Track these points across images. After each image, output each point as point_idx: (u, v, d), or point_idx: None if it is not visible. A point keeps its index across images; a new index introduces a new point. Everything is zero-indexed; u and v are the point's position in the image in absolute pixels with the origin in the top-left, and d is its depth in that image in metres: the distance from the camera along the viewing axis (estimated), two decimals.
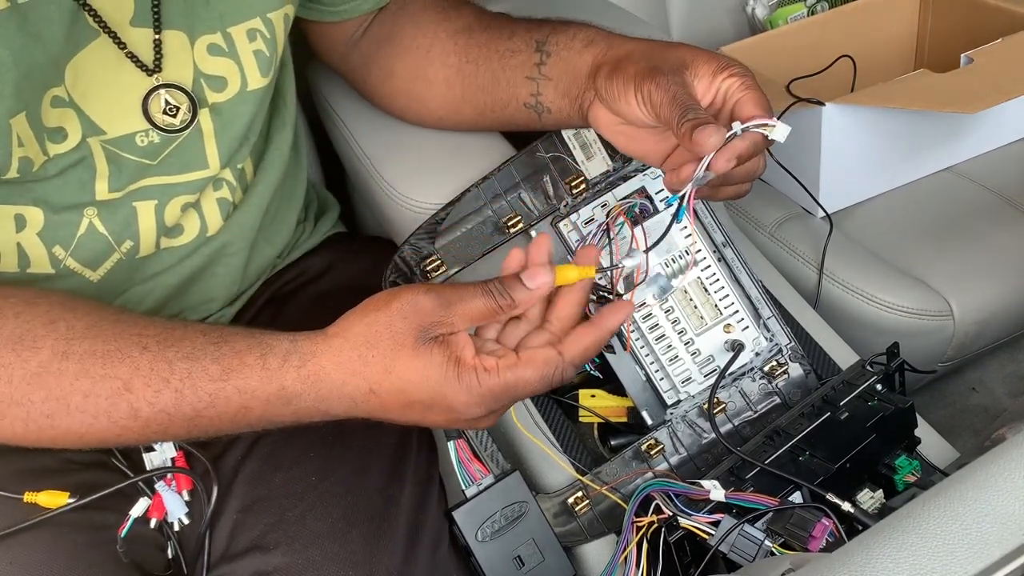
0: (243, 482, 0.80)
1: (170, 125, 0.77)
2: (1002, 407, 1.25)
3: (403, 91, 0.93)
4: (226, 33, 0.80)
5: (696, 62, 0.74)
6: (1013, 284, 1.14)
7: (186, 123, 0.78)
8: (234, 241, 0.87)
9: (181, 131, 0.78)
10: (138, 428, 0.65)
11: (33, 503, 0.74)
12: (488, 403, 0.65)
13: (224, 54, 0.80)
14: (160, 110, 0.76)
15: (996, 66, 1.18)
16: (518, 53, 0.85)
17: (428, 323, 0.64)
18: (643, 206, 0.87)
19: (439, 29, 0.90)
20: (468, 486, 0.78)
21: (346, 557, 0.75)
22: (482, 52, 0.88)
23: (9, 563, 0.72)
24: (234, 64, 0.81)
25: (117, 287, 0.81)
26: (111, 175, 0.76)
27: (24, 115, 0.69)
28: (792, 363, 0.87)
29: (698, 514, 0.70)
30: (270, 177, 0.89)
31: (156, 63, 0.76)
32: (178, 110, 0.77)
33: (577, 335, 0.68)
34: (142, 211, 0.79)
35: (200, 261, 0.85)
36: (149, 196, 0.79)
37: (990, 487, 0.46)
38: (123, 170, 0.76)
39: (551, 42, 0.84)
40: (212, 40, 0.79)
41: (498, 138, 0.94)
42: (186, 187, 0.81)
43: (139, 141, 0.76)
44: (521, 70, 0.85)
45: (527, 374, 0.65)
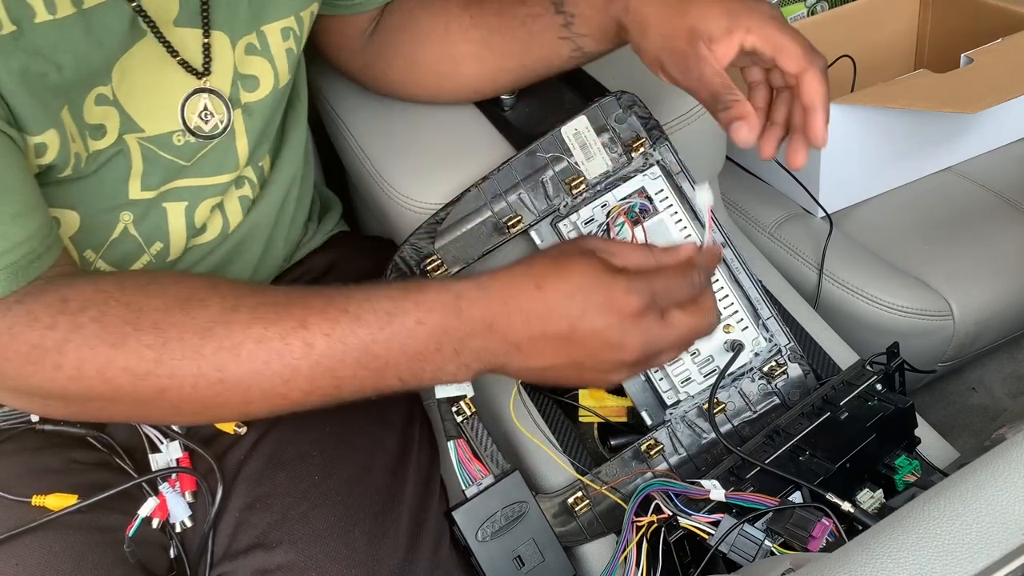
0: (246, 480, 0.80)
1: (199, 129, 0.77)
2: (1002, 407, 1.25)
3: (433, 74, 0.93)
4: (260, 32, 0.80)
5: (707, 29, 0.74)
6: (1013, 284, 1.14)
7: (217, 131, 0.78)
8: (251, 238, 0.88)
9: (211, 138, 0.78)
10: (307, 368, 0.64)
11: (42, 506, 0.75)
12: (642, 307, 0.65)
13: (258, 53, 0.80)
14: (196, 113, 0.77)
15: (996, 66, 1.18)
16: (539, 17, 0.86)
17: (590, 245, 0.69)
18: (643, 206, 0.87)
19: (448, 6, 0.91)
20: (468, 486, 0.78)
21: (348, 555, 0.75)
22: (503, 21, 0.88)
23: (15, 564, 0.72)
24: (268, 63, 0.81)
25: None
26: (144, 173, 0.76)
27: (67, 109, 0.69)
28: (791, 363, 0.87)
29: (698, 514, 0.70)
30: (285, 174, 0.89)
31: (205, 66, 0.76)
32: (212, 116, 0.78)
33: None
34: (172, 213, 0.80)
35: (218, 259, 0.86)
36: (180, 198, 0.79)
37: (990, 487, 0.46)
38: (157, 169, 0.77)
39: (568, 3, 0.84)
40: (249, 40, 0.79)
41: (498, 138, 0.94)
42: (216, 188, 0.81)
43: (176, 140, 0.77)
44: (550, 32, 0.86)
45: (673, 281, 0.67)
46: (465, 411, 0.79)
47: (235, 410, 0.67)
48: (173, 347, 0.63)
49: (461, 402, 0.79)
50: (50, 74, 0.66)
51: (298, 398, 0.66)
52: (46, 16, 0.65)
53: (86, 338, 0.63)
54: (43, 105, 0.66)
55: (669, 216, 0.87)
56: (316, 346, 0.64)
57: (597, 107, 0.88)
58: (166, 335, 0.63)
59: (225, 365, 0.64)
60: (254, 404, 0.66)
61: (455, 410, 0.79)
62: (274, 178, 0.88)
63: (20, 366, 0.63)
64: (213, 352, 0.63)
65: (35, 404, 0.69)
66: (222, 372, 0.64)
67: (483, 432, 0.79)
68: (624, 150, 0.88)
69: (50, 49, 0.65)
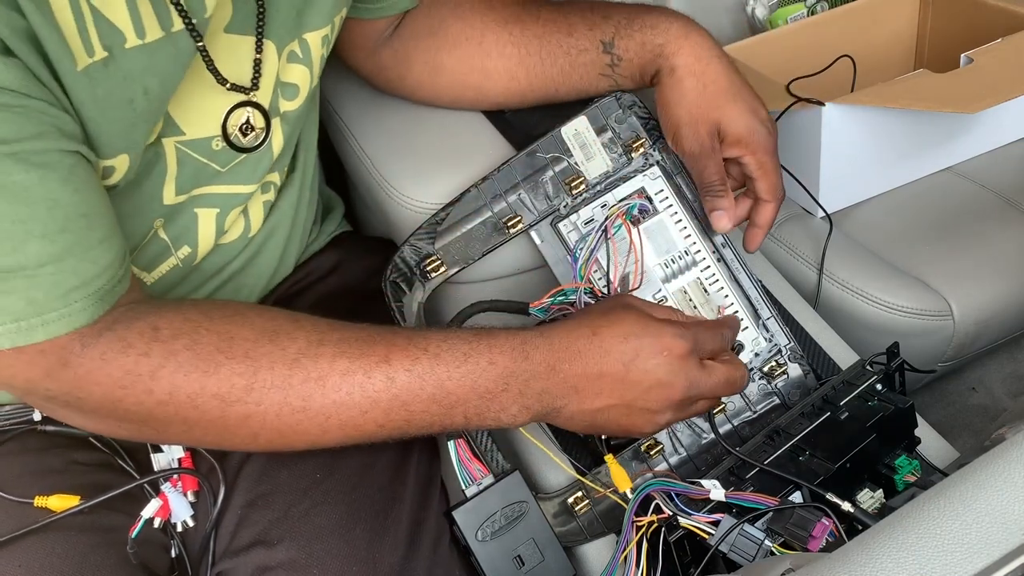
0: (248, 478, 0.80)
1: (237, 141, 0.78)
2: (1002, 407, 1.25)
3: (458, 84, 0.94)
4: (303, 40, 0.80)
5: (727, 131, 0.84)
6: (1013, 284, 1.14)
7: (255, 144, 0.79)
8: (271, 240, 0.88)
9: (249, 151, 0.79)
10: (386, 401, 0.67)
11: (44, 507, 0.75)
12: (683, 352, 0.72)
13: (299, 61, 0.81)
14: (237, 126, 0.77)
15: (996, 66, 1.18)
16: (585, 52, 0.88)
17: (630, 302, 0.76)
18: (642, 206, 0.87)
19: (486, 19, 0.91)
20: (468, 486, 0.78)
21: (349, 553, 0.75)
22: (544, 46, 0.89)
23: (18, 566, 0.72)
24: (307, 71, 0.82)
25: (163, 291, 0.82)
26: (178, 176, 0.76)
27: (158, 130, 0.71)
28: (791, 363, 0.87)
29: (698, 514, 0.70)
30: (301, 175, 0.90)
31: (254, 82, 0.77)
32: (252, 130, 0.78)
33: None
34: (203, 219, 0.80)
35: (240, 264, 0.86)
36: (212, 204, 0.80)
37: (990, 487, 0.46)
38: (189, 171, 0.77)
39: (619, 47, 0.87)
40: (292, 48, 0.80)
41: (499, 138, 0.94)
42: (246, 196, 0.82)
43: (214, 146, 0.77)
44: (594, 68, 0.88)
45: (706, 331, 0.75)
46: None
47: (310, 439, 0.69)
48: (263, 376, 0.66)
49: None
50: (136, 99, 0.67)
51: (371, 430, 0.69)
52: (136, 41, 0.65)
53: (180, 365, 0.65)
54: (124, 131, 0.67)
55: (669, 216, 0.87)
56: (397, 380, 0.67)
57: (597, 107, 0.89)
58: (257, 364, 0.66)
59: (311, 395, 0.66)
60: (329, 434, 0.68)
61: None
62: (292, 180, 0.89)
63: (110, 391, 0.64)
64: (300, 382, 0.66)
65: (107, 426, 0.69)
66: (306, 402, 0.66)
67: (483, 432, 0.79)
68: (624, 150, 0.88)
69: (139, 73, 0.66)
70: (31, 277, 0.60)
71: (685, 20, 0.86)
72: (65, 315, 0.62)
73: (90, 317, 0.63)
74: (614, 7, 0.89)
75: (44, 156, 0.60)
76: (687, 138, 0.84)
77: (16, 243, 0.59)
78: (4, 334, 0.61)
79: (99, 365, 0.64)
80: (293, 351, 0.67)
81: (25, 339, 0.61)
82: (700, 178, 0.85)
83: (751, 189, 0.87)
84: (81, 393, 0.65)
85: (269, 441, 0.68)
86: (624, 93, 0.89)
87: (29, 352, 0.62)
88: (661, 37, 0.85)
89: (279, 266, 0.91)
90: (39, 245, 0.60)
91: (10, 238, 0.59)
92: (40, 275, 0.61)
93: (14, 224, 0.59)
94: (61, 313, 0.62)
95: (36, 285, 0.61)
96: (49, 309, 0.61)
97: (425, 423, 0.70)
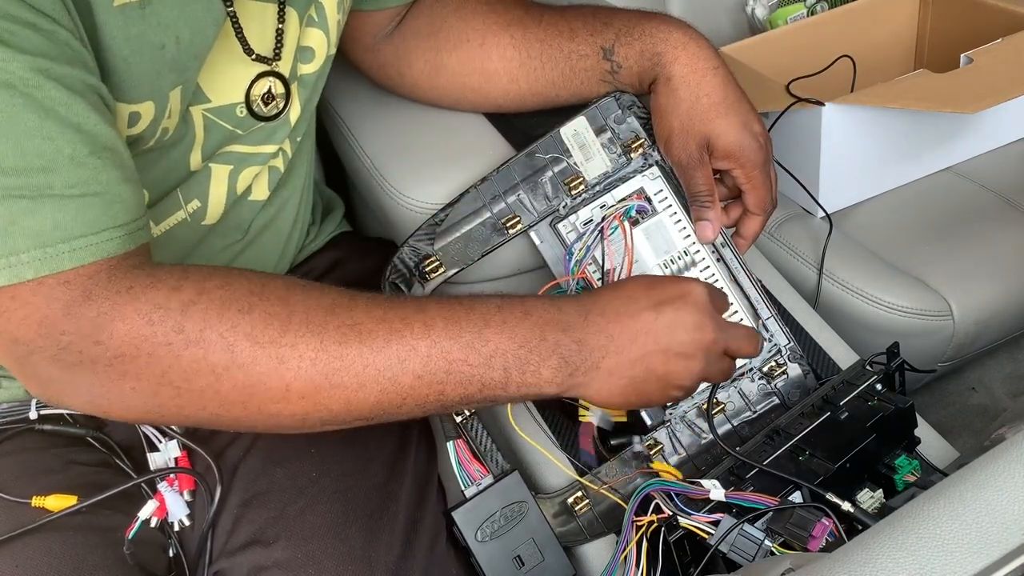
0: (244, 477, 0.80)
1: (259, 110, 0.78)
2: (1002, 407, 1.25)
3: (458, 85, 0.94)
4: (319, 3, 0.81)
5: (717, 144, 0.84)
6: (1013, 284, 1.14)
7: (275, 113, 0.80)
8: (277, 220, 0.88)
9: (270, 119, 0.79)
10: (424, 349, 0.65)
11: (41, 507, 0.74)
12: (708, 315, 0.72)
13: (316, 25, 0.81)
14: (260, 95, 0.78)
15: (996, 66, 1.18)
16: (586, 57, 0.88)
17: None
18: (641, 207, 0.86)
19: (488, 21, 0.91)
20: (467, 486, 0.78)
21: (345, 552, 0.75)
22: (545, 49, 0.89)
23: (15, 566, 0.72)
24: (323, 35, 0.82)
25: (170, 256, 0.80)
26: (205, 143, 0.77)
27: (180, 89, 0.70)
28: (791, 363, 0.87)
29: (698, 514, 0.70)
30: (306, 155, 0.90)
31: (276, 52, 0.77)
32: (273, 99, 0.79)
33: None
34: (216, 175, 0.80)
35: (241, 248, 0.86)
36: (227, 161, 0.80)
37: (990, 487, 0.46)
38: (214, 137, 0.77)
39: (619, 54, 0.87)
40: (310, 12, 0.80)
41: (498, 138, 0.94)
42: (261, 157, 0.82)
43: (238, 112, 0.78)
44: (594, 73, 0.89)
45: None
46: (464, 411, 0.79)
47: (346, 394, 0.64)
48: (298, 319, 0.63)
49: None
50: (168, 46, 0.66)
51: (408, 382, 0.65)
52: None
53: (212, 301, 0.62)
54: (153, 77, 0.67)
55: (668, 216, 0.87)
56: (434, 327, 0.66)
57: (596, 108, 0.88)
58: (291, 307, 0.63)
59: (347, 339, 0.64)
60: (365, 388, 0.64)
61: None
62: (299, 160, 0.89)
63: (135, 327, 0.60)
64: (336, 327, 0.64)
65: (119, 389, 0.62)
66: (343, 347, 0.63)
67: (482, 432, 0.79)
68: (623, 150, 0.88)
69: (172, 21, 0.66)
70: (59, 198, 0.58)
71: (686, 29, 0.86)
72: (93, 242, 0.59)
73: (118, 249, 0.60)
74: (616, 13, 0.89)
75: (71, 81, 0.59)
76: (677, 148, 0.85)
77: (46, 160, 0.57)
78: (28, 262, 0.58)
79: (126, 299, 0.60)
80: (327, 300, 0.65)
81: (52, 266, 0.58)
82: (688, 188, 0.86)
83: (741, 200, 0.88)
84: (101, 334, 0.60)
85: (301, 395, 0.63)
86: (623, 93, 0.89)
87: (50, 284, 0.58)
88: (660, 46, 0.85)
89: (287, 243, 0.91)
90: (68, 165, 0.58)
91: (40, 155, 0.57)
92: (68, 196, 0.58)
93: (43, 140, 0.57)
94: (89, 240, 0.59)
95: (64, 207, 0.58)
96: (77, 234, 0.58)
97: (464, 376, 0.67)
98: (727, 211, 0.88)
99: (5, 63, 0.56)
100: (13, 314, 0.59)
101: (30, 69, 0.57)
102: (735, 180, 0.86)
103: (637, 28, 0.86)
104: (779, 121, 1.17)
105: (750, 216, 0.87)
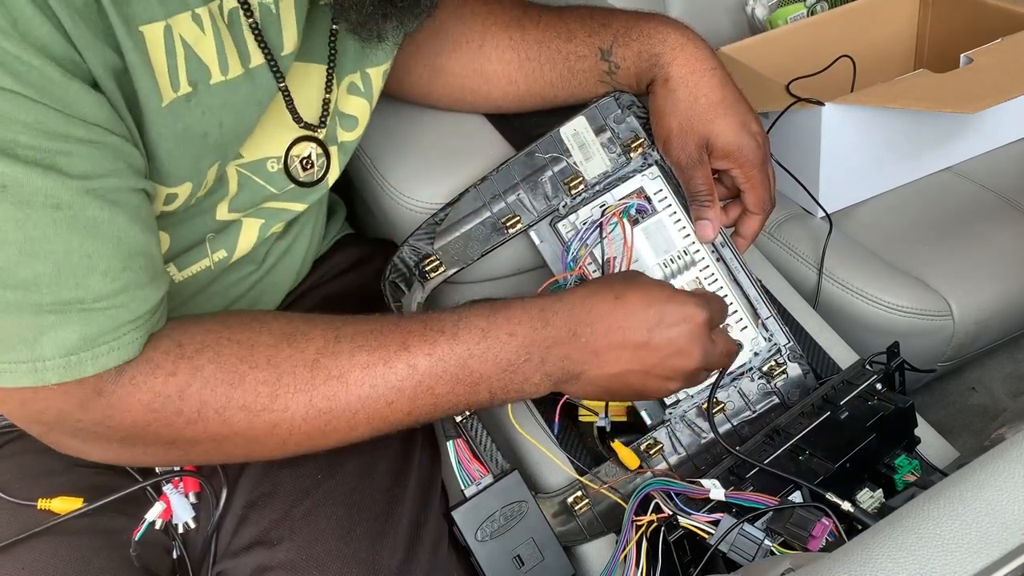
0: (249, 479, 0.80)
1: (296, 174, 0.79)
2: (1002, 407, 1.25)
3: (457, 87, 0.94)
4: (365, 74, 0.81)
5: (715, 144, 0.84)
6: (1013, 284, 1.14)
7: (313, 180, 0.81)
8: (292, 248, 0.88)
9: (308, 185, 0.80)
10: (410, 389, 0.68)
11: (47, 510, 0.74)
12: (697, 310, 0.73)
13: (360, 94, 0.82)
14: (298, 157, 0.79)
15: (996, 66, 1.18)
16: (584, 58, 0.88)
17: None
18: (640, 207, 0.86)
19: (487, 23, 0.91)
20: (467, 486, 0.78)
21: (350, 554, 0.75)
22: (543, 50, 0.90)
23: (22, 569, 0.72)
24: (367, 104, 0.83)
25: (189, 293, 0.81)
26: (235, 197, 0.77)
27: (216, 165, 0.71)
28: (791, 363, 0.87)
29: (698, 513, 0.70)
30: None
31: (322, 120, 0.78)
32: (312, 165, 0.80)
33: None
34: (247, 227, 0.80)
35: (257, 278, 0.86)
36: (260, 216, 0.81)
37: (990, 487, 0.46)
38: (248, 193, 0.78)
39: (617, 55, 0.87)
40: (353, 80, 0.81)
41: (498, 138, 0.94)
42: (292, 214, 0.83)
43: (270, 167, 0.78)
44: (592, 74, 0.89)
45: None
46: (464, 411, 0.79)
47: (340, 437, 0.69)
48: (286, 381, 0.66)
49: None
50: (211, 133, 0.68)
51: (398, 419, 0.69)
52: (220, 77, 0.67)
53: (206, 380, 0.65)
54: (193, 162, 0.68)
55: (668, 216, 0.87)
56: (418, 367, 0.68)
57: (595, 107, 0.88)
58: (279, 370, 0.66)
59: (335, 394, 0.67)
60: (358, 430, 0.69)
61: None
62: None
63: (140, 415, 0.65)
64: (323, 382, 0.67)
65: (132, 454, 0.69)
66: (331, 401, 0.67)
67: (482, 432, 0.79)
68: (623, 150, 0.88)
69: (217, 108, 0.67)
70: (87, 311, 0.61)
71: (683, 30, 0.86)
72: (115, 348, 0.62)
73: (136, 351, 0.64)
74: (614, 14, 0.89)
75: (116, 194, 0.61)
76: (676, 149, 0.85)
77: (79, 277, 0.60)
78: (52, 368, 0.61)
79: (130, 391, 0.64)
80: (312, 352, 0.67)
81: (74, 373, 0.61)
82: (687, 188, 0.86)
83: (740, 200, 0.88)
84: (112, 422, 0.65)
85: (298, 445, 0.68)
86: (623, 93, 0.89)
87: (68, 384, 0.62)
88: (658, 47, 0.85)
89: (301, 267, 0.92)
90: (100, 281, 0.60)
91: (75, 272, 0.59)
92: (96, 310, 0.61)
93: (81, 259, 0.59)
94: (111, 346, 0.62)
95: (91, 320, 0.61)
96: (101, 343, 0.62)
97: (451, 404, 0.70)
98: (726, 211, 0.88)
99: (54, 189, 0.57)
100: (33, 406, 0.64)
101: (77, 191, 0.58)
102: (734, 180, 0.86)
103: (635, 29, 0.86)
104: (779, 121, 1.17)
105: (749, 215, 0.88)
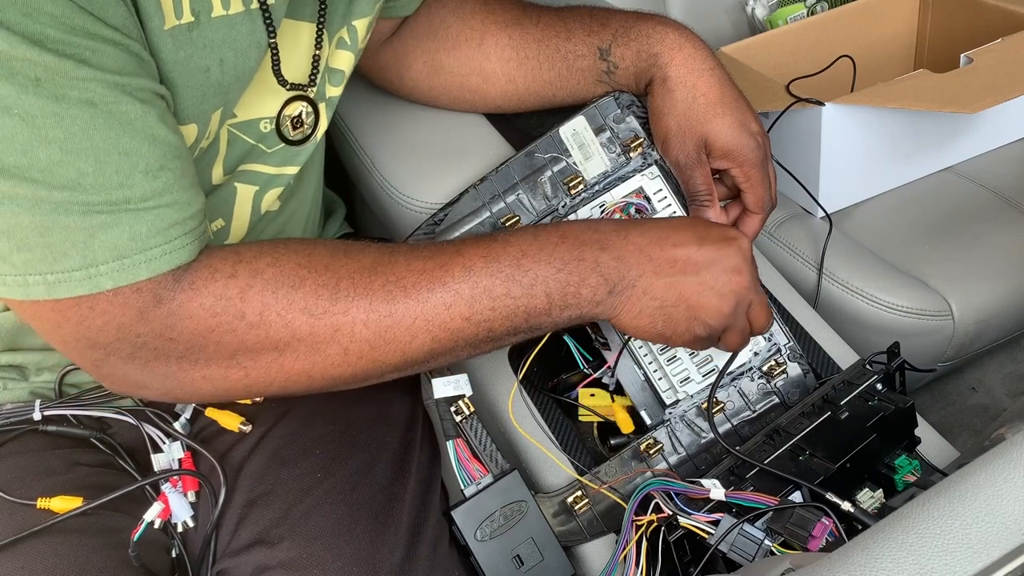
0: (248, 477, 0.80)
1: (286, 132, 0.79)
2: (1002, 407, 1.25)
3: (456, 86, 0.94)
4: (351, 26, 0.81)
5: (714, 144, 0.84)
6: (1013, 284, 1.14)
7: (302, 138, 0.81)
8: (286, 229, 0.88)
9: (297, 144, 0.80)
10: (468, 290, 0.69)
11: (46, 509, 0.74)
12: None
13: (347, 48, 0.82)
14: (289, 117, 0.79)
15: (996, 66, 1.18)
16: (582, 58, 0.89)
17: None
18: (640, 206, 0.87)
19: (487, 21, 0.92)
20: (467, 485, 0.78)
21: (350, 553, 0.75)
22: (542, 50, 0.90)
23: (21, 568, 0.72)
24: (352, 57, 0.83)
25: None
26: (227, 157, 0.77)
27: (221, 110, 0.71)
28: (791, 363, 0.87)
29: (698, 513, 0.70)
30: (317, 160, 0.90)
31: (311, 78, 0.78)
32: (303, 124, 0.80)
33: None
34: (242, 194, 0.80)
35: None
36: (253, 181, 0.80)
37: (990, 487, 0.46)
38: (237, 151, 0.78)
39: (615, 54, 0.87)
40: (341, 34, 0.81)
41: (498, 138, 0.94)
42: (285, 179, 0.82)
43: (262, 127, 0.78)
44: (591, 73, 0.89)
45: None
46: (464, 410, 0.79)
47: (400, 347, 0.69)
48: (345, 285, 0.67)
49: (459, 402, 0.79)
50: (212, 69, 0.68)
51: (457, 325, 0.69)
52: (221, 11, 0.67)
53: (267, 282, 0.66)
54: (198, 100, 0.68)
55: (667, 215, 0.87)
56: (474, 268, 0.69)
57: (595, 107, 0.88)
58: (337, 274, 0.67)
59: (394, 296, 0.68)
60: (418, 339, 0.69)
61: (453, 410, 0.79)
62: (310, 169, 0.89)
63: (202, 321, 0.64)
64: (382, 286, 0.68)
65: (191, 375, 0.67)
66: (391, 304, 0.67)
67: (482, 432, 0.79)
68: (622, 150, 0.88)
69: (218, 44, 0.67)
70: (135, 211, 0.61)
71: (682, 30, 0.86)
72: (167, 251, 0.62)
73: (190, 255, 0.64)
74: (613, 14, 0.89)
75: (144, 93, 0.61)
76: (674, 148, 0.85)
77: (123, 176, 0.60)
78: (107, 273, 0.61)
79: (190, 295, 0.64)
80: (368, 260, 0.68)
81: (129, 277, 0.61)
82: (687, 188, 0.86)
83: (740, 199, 0.88)
84: (173, 332, 0.64)
85: (360, 356, 0.68)
86: (622, 93, 0.89)
87: (125, 292, 0.62)
88: (656, 47, 0.85)
89: None
90: (142, 179, 0.61)
91: (117, 171, 0.60)
92: (143, 209, 0.61)
93: (120, 156, 0.60)
94: (164, 249, 0.62)
95: (140, 219, 0.61)
96: (152, 245, 0.62)
97: (509, 309, 0.70)
98: (726, 210, 0.88)
99: (87, 82, 0.58)
100: (92, 322, 0.63)
101: (109, 85, 0.59)
102: (734, 179, 0.86)
103: (634, 29, 0.87)
104: (779, 121, 1.17)
105: (749, 215, 0.88)
